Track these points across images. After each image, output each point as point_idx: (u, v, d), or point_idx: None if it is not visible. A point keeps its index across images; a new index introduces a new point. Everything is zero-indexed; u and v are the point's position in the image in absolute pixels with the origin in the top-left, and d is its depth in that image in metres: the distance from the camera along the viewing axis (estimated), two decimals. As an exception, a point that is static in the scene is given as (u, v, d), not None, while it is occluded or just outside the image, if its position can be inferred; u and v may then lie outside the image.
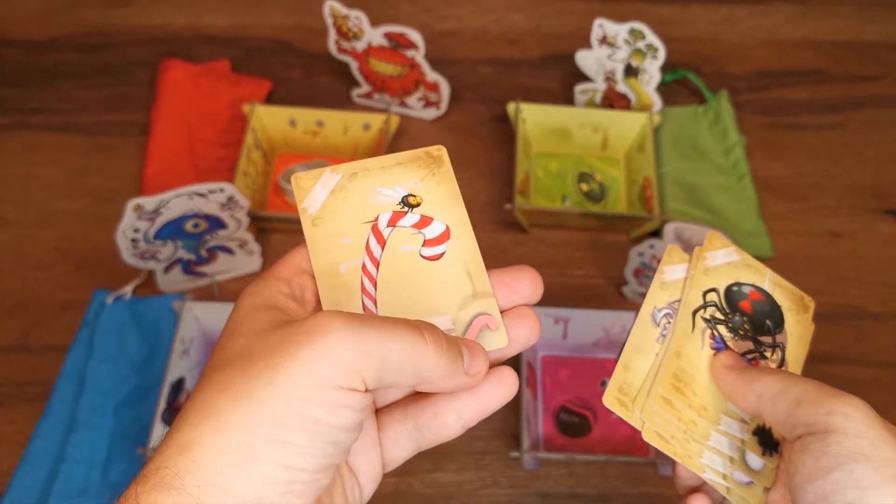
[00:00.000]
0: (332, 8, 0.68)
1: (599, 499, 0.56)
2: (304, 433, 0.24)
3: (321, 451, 0.25)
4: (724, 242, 0.39)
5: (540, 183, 0.72)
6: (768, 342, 0.37)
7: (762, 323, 0.37)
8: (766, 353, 0.37)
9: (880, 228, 0.71)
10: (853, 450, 0.28)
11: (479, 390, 0.31)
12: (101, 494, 0.54)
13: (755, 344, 0.37)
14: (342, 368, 0.24)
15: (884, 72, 0.82)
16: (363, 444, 0.30)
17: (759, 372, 0.33)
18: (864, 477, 0.28)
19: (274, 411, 0.24)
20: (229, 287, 0.66)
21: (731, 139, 0.74)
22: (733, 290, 0.38)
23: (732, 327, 0.37)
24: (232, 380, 0.25)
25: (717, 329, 0.37)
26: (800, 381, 0.32)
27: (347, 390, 0.25)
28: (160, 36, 0.82)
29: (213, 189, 0.56)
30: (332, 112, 0.71)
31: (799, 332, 0.38)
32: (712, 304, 0.37)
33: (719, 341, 0.36)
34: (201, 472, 0.23)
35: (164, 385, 0.54)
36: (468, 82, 0.79)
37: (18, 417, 0.58)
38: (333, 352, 0.24)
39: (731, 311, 0.37)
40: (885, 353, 0.64)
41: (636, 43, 0.68)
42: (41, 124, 0.75)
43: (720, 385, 0.35)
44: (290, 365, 0.24)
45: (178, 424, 0.25)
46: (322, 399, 0.24)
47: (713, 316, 0.37)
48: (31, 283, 0.65)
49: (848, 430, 0.29)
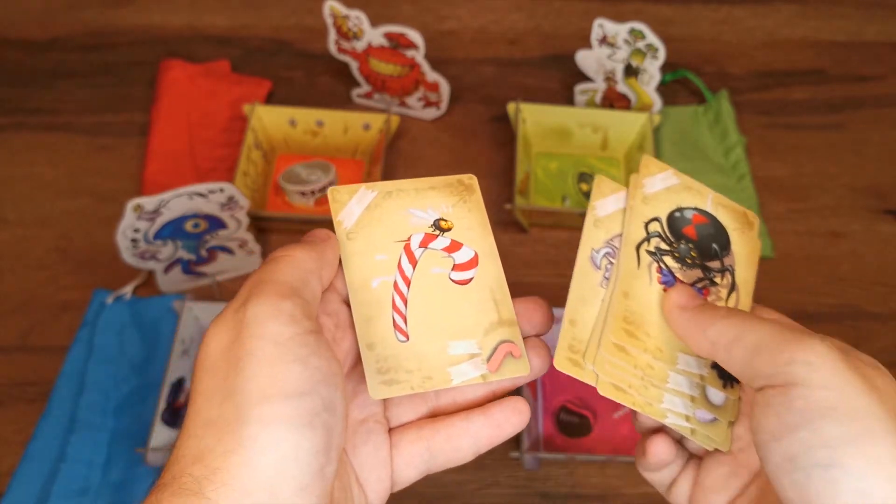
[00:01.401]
0: (332, 8, 0.68)
1: (599, 499, 0.56)
2: (290, 386, 0.25)
3: (313, 410, 0.25)
4: (661, 166, 0.36)
5: (540, 183, 0.72)
6: (717, 267, 0.35)
7: (709, 247, 0.35)
8: (716, 279, 0.35)
9: (880, 228, 0.71)
10: (819, 403, 0.25)
11: (494, 417, 0.31)
12: (101, 494, 0.54)
13: (704, 271, 0.35)
14: (285, 318, 0.26)
15: (884, 72, 0.82)
16: (375, 461, 0.31)
17: (713, 316, 0.30)
18: (833, 433, 0.25)
19: (254, 388, 0.25)
20: (229, 287, 0.66)
21: (731, 139, 0.74)
22: (676, 217, 0.35)
23: (679, 257, 0.34)
24: (214, 387, 0.26)
25: (664, 261, 0.34)
26: (756, 325, 0.29)
27: (296, 322, 0.27)
28: (160, 36, 0.82)
29: (213, 189, 0.56)
30: (332, 112, 0.71)
31: (746, 251, 0.36)
32: (656, 235, 0.34)
33: (667, 274, 0.34)
34: (215, 475, 0.24)
35: (164, 385, 0.54)
36: (468, 82, 0.79)
37: (18, 417, 0.58)
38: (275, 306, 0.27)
39: (675, 239, 0.35)
40: (885, 353, 0.64)
41: (636, 43, 0.68)
42: (41, 124, 0.75)
43: (673, 328, 0.32)
44: (247, 345, 0.26)
45: (186, 437, 0.25)
46: (283, 346, 0.26)
47: (658, 247, 0.34)
48: (31, 283, 0.65)
49: (812, 381, 0.26)
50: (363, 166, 0.72)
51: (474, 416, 0.32)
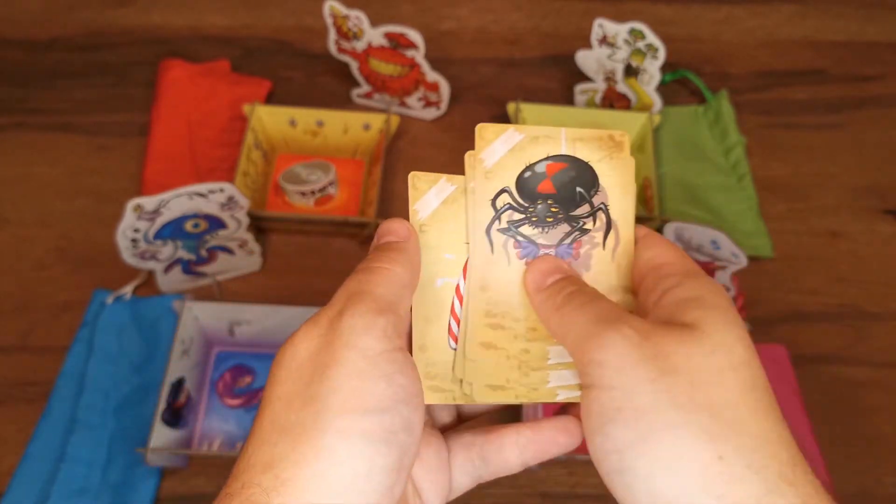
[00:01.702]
0: (332, 8, 0.68)
1: (599, 499, 0.56)
2: (373, 402, 0.25)
3: (392, 428, 0.25)
4: (499, 128, 0.31)
5: (540, 183, 0.72)
6: (585, 212, 0.31)
7: (572, 194, 0.31)
8: (587, 226, 0.31)
9: (880, 228, 0.71)
10: (608, 406, 0.25)
11: (543, 432, 0.31)
12: (101, 494, 0.54)
13: (570, 222, 0.31)
14: (378, 332, 0.26)
15: (884, 72, 0.82)
16: (437, 464, 0.30)
17: (553, 305, 0.29)
18: (621, 437, 0.24)
19: (337, 398, 0.25)
20: (229, 287, 0.66)
21: (731, 139, 0.74)
22: (526, 178, 0.31)
23: (537, 220, 0.31)
24: (295, 392, 0.26)
25: (520, 232, 0.31)
26: (576, 318, 0.27)
27: (386, 346, 0.26)
28: (160, 36, 0.82)
29: (213, 189, 0.56)
30: (332, 112, 0.71)
31: (619, 179, 0.32)
32: (507, 208, 0.31)
33: (527, 245, 0.31)
34: (284, 487, 0.24)
35: (164, 385, 0.54)
36: (468, 82, 0.79)
37: (18, 417, 0.58)
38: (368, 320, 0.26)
39: (531, 202, 0.31)
40: (885, 353, 0.64)
41: (636, 43, 0.68)
42: (41, 124, 0.75)
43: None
44: (337, 355, 0.26)
45: (258, 444, 0.25)
46: (371, 361, 0.25)
47: (510, 221, 0.31)
48: (31, 283, 0.65)
49: (602, 381, 0.25)
50: (363, 166, 0.72)
51: (524, 430, 0.31)
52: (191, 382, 0.57)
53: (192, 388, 0.58)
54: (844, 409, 0.61)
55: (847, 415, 0.60)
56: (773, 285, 0.67)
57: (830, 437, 0.59)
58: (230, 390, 0.60)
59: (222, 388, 0.60)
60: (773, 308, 0.66)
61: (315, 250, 0.68)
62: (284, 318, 0.59)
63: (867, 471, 0.58)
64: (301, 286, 0.66)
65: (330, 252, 0.68)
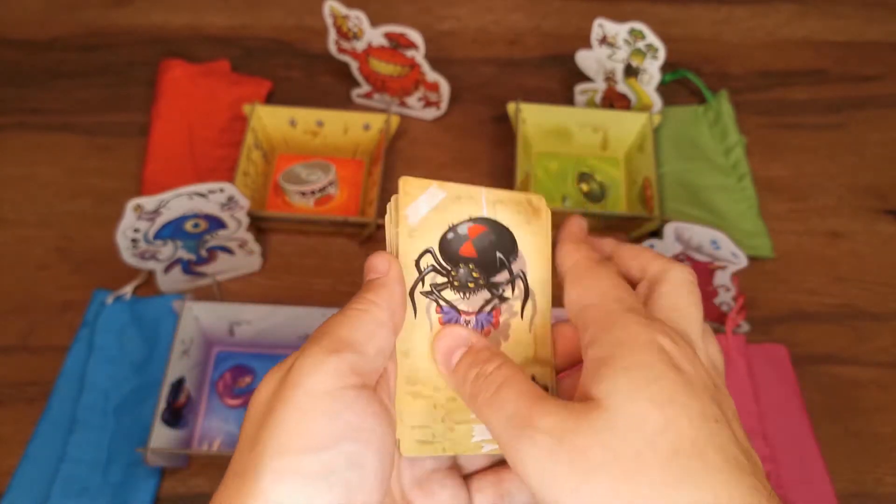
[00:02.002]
0: (332, 8, 0.68)
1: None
2: (312, 441, 0.25)
3: (332, 466, 0.25)
4: (422, 183, 0.30)
5: (540, 183, 0.72)
6: (504, 279, 0.31)
7: (492, 259, 0.31)
8: (506, 294, 0.31)
9: (880, 228, 0.71)
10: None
11: None
12: (101, 494, 0.54)
13: (490, 290, 0.30)
14: (328, 370, 0.26)
15: (884, 72, 0.82)
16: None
17: (471, 393, 0.28)
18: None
19: (276, 440, 0.25)
20: (229, 287, 0.66)
21: (731, 139, 0.74)
22: (449, 239, 0.30)
23: (459, 285, 0.30)
24: (249, 435, 0.26)
25: (443, 297, 0.30)
26: (490, 412, 0.27)
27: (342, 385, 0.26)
28: (160, 36, 0.82)
29: (213, 189, 0.56)
30: (332, 112, 0.71)
31: (536, 244, 0.32)
32: (429, 270, 0.30)
33: (448, 311, 0.30)
34: None
35: (164, 385, 0.54)
36: (468, 82, 0.79)
37: (18, 417, 0.58)
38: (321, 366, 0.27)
39: (453, 265, 0.30)
40: (885, 353, 0.64)
41: (636, 43, 0.68)
42: (41, 124, 0.75)
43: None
44: (283, 396, 0.26)
45: (221, 488, 0.26)
46: (315, 398, 0.26)
47: (433, 284, 0.30)
48: (31, 283, 0.65)
49: (530, 485, 0.26)
50: (363, 166, 0.72)
51: None
52: (191, 382, 0.57)
53: (192, 388, 0.58)
54: (844, 409, 0.61)
55: (847, 415, 0.60)
56: (773, 285, 0.67)
57: (830, 437, 0.59)
58: (230, 390, 0.60)
59: (222, 388, 0.60)
60: (773, 308, 0.66)
61: (315, 250, 0.68)
62: (284, 318, 0.59)
63: (867, 471, 0.58)
64: (301, 286, 0.66)
65: (330, 252, 0.68)
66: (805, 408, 0.59)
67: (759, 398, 0.59)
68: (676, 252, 0.60)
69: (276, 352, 0.61)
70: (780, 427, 0.58)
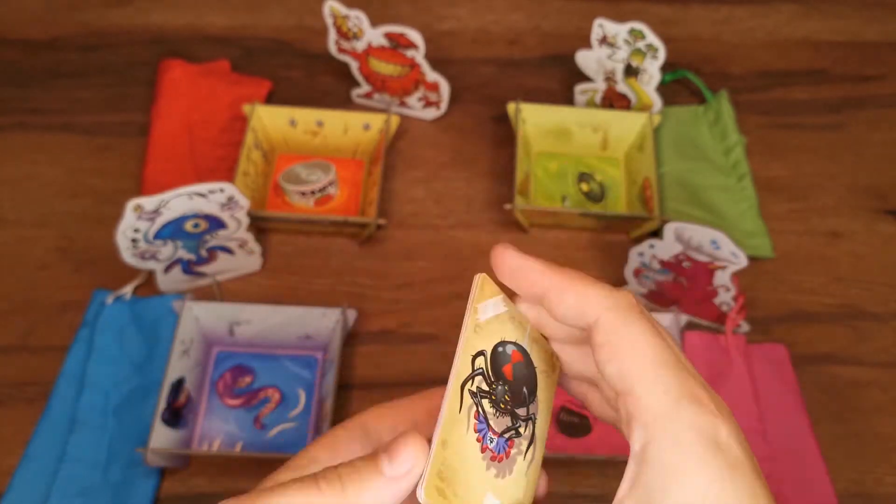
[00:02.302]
0: (332, 8, 0.68)
1: (599, 499, 0.56)
2: None
3: None
4: (494, 289, 0.31)
5: (540, 183, 0.72)
6: (523, 415, 0.31)
7: (521, 391, 0.31)
8: (521, 430, 0.31)
9: (880, 228, 0.71)
10: None
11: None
12: (101, 494, 0.54)
13: (512, 419, 0.30)
14: None
15: (884, 72, 0.82)
16: None
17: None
18: None
19: None
20: (229, 287, 0.66)
21: (731, 139, 0.74)
22: (499, 352, 0.30)
23: (495, 400, 0.30)
24: None
25: (483, 405, 0.29)
26: None
27: None
28: (160, 36, 0.82)
29: (213, 189, 0.56)
30: (332, 112, 0.71)
31: (546, 398, 0.32)
32: (479, 372, 0.29)
33: (482, 421, 0.29)
34: None
35: (164, 385, 0.54)
36: (468, 82, 0.79)
37: (18, 417, 0.58)
38: None
39: (495, 378, 0.30)
40: (885, 353, 0.64)
41: (636, 43, 0.68)
42: (41, 124, 0.75)
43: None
44: None
45: None
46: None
47: (479, 388, 0.29)
48: (31, 283, 0.65)
49: None
50: (363, 166, 0.72)
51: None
52: (191, 382, 0.57)
53: (192, 388, 0.58)
54: (844, 409, 0.61)
55: (847, 415, 0.60)
56: (773, 285, 0.67)
57: (830, 437, 0.59)
58: (230, 390, 0.60)
59: (222, 388, 0.60)
60: (773, 308, 0.66)
61: (315, 250, 0.68)
62: (284, 318, 0.59)
63: (867, 471, 0.58)
64: (301, 286, 0.66)
65: (330, 252, 0.68)
66: (805, 408, 0.59)
67: (759, 398, 0.59)
68: (676, 252, 0.60)
69: (276, 352, 0.61)
70: (780, 427, 0.58)
